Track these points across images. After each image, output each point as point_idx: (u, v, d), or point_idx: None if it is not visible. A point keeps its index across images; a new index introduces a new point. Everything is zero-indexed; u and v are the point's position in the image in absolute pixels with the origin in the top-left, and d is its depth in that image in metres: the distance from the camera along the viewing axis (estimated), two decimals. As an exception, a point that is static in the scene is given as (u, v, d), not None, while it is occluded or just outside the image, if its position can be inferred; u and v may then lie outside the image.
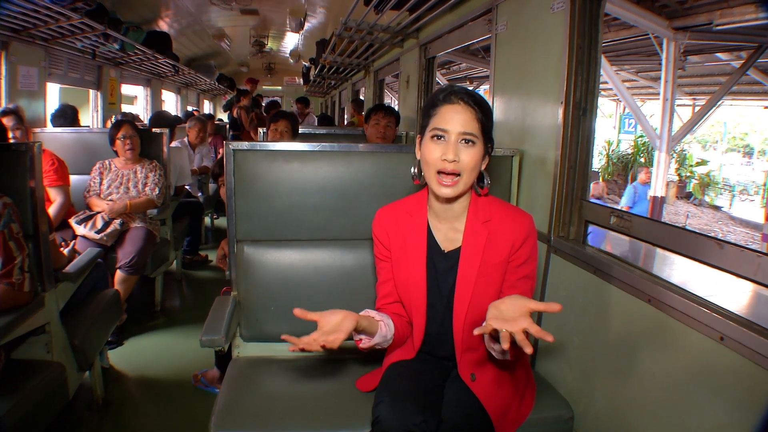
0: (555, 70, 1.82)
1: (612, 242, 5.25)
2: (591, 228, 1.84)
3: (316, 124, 7.13)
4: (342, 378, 1.68)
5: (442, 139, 1.30)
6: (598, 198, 7.36)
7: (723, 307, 1.20)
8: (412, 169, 1.44)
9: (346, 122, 8.26)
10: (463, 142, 1.29)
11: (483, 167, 1.37)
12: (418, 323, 1.45)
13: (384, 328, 1.40)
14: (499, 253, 1.38)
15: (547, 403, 1.58)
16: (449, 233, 1.43)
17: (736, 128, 16.69)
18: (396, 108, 3.84)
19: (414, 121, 3.90)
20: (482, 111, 1.31)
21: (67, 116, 4.04)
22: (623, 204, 7.53)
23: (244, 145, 1.80)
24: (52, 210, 3.01)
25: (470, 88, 1.49)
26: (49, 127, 4.07)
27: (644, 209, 6.90)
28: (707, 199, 14.08)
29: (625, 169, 14.16)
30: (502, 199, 1.49)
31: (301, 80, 11.77)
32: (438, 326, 1.45)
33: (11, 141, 2.81)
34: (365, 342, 1.40)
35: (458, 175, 1.30)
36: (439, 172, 1.30)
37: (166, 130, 3.69)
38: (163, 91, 8.38)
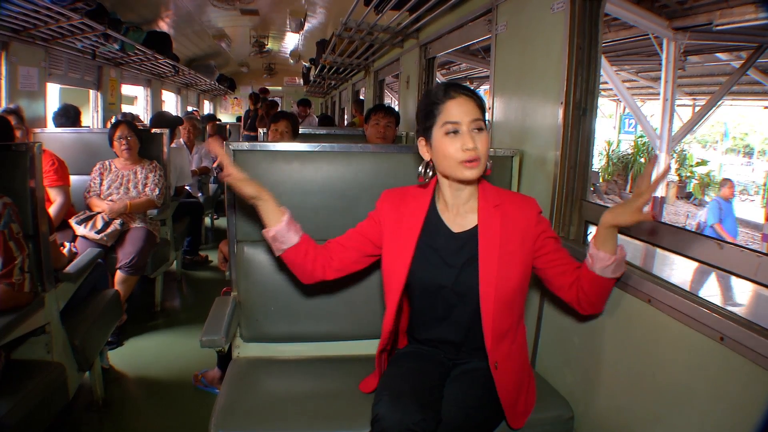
0: (555, 70, 1.82)
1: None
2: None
3: (317, 124, 7.15)
4: (342, 378, 1.68)
5: (457, 132, 1.36)
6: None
7: (723, 307, 1.20)
8: (420, 168, 1.50)
9: (346, 122, 8.26)
10: (476, 130, 1.36)
11: None
12: (393, 298, 1.47)
13: (280, 226, 1.46)
14: (515, 235, 1.43)
15: (548, 403, 1.58)
16: (457, 218, 1.48)
17: (736, 128, 16.68)
18: (396, 108, 3.84)
19: (414, 121, 3.89)
20: (479, 99, 1.40)
21: (70, 116, 4.04)
22: (710, 222, 6.52)
23: (245, 145, 1.80)
24: (52, 210, 3.01)
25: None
26: (50, 128, 4.07)
27: (732, 227, 6.34)
28: (707, 199, 14.06)
29: (625, 169, 14.16)
30: (504, 189, 1.55)
31: (301, 80, 11.77)
32: (445, 306, 1.47)
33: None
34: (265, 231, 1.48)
35: (478, 159, 1.36)
36: (461, 162, 1.36)
37: (166, 131, 3.70)
38: (163, 91, 8.39)
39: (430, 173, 1.48)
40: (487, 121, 1.45)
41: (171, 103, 9.67)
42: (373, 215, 1.56)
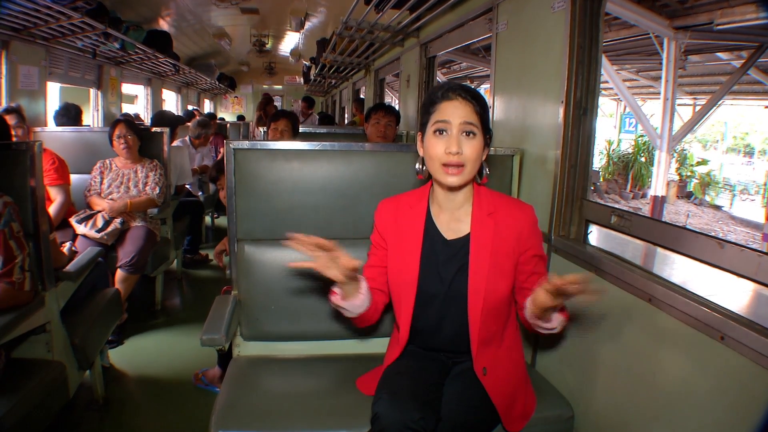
0: (555, 69, 1.82)
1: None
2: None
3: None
4: (342, 377, 1.68)
5: (444, 133, 1.35)
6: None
7: (723, 306, 1.20)
8: (417, 165, 1.48)
9: (347, 121, 8.25)
10: (465, 134, 1.34)
11: (483, 158, 1.41)
12: (407, 312, 1.46)
13: (360, 298, 1.43)
14: (507, 244, 1.41)
15: (548, 403, 1.58)
16: (451, 223, 1.47)
17: (736, 128, 16.67)
18: (396, 107, 3.84)
19: (414, 120, 3.90)
20: (479, 104, 1.36)
21: (71, 115, 4.03)
22: None
23: (245, 144, 1.80)
24: (52, 209, 3.01)
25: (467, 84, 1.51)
26: (50, 126, 4.07)
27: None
28: (708, 198, 14.07)
29: (625, 168, 14.14)
30: (501, 193, 1.52)
31: (302, 79, 11.76)
32: (437, 315, 1.46)
33: (13, 139, 2.81)
34: (337, 299, 1.45)
35: (462, 165, 1.34)
36: (443, 165, 1.35)
37: (166, 130, 3.69)
38: (164, 90, 8.38)
39: (425, 169, 1.46)
40: (491, 131, 1.41)
41: (171, 102, 9.66)
42: (375, 231, 1.55)
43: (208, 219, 5.99)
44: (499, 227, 1.42)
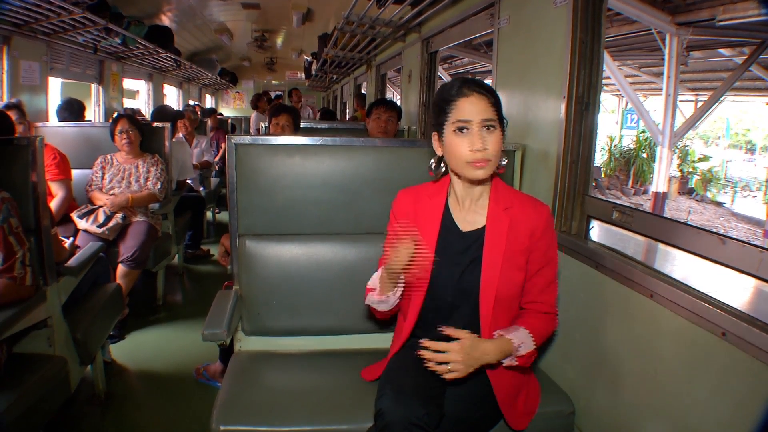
0: (557, 64, 1.81)
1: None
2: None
3: (310, 117, 7.02)
4: (344, 371, 1.69)
5: (466, 130, 1.34)
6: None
7: (725, 302, 1.20)
8: (431, 163, 1.49)
9: (348, 117, 8.24)
10: (485, 129, 1.33)
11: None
12: (416, 301, 1.47)
13: (398, 293, 1.48)
14: (521, 241, 1.41)
15: (549, 398, 1.58)
16: (468, 215, 1.47)
17: (738, 124, 16.64)
18: (398, 102, 3.83)
19: (416, 115, 3.89)
20: (494, 96, 1.36)
21: (73, 110, 4.02)
22: None
23: (246, 139, 1.80)
24: (53, 204, 3.01)
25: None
26: (52, 122, 4.07)
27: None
28: (709, 195, 14.05)
29: (627, 164, 14.13)
30: (518, 190, 1.52)
31: (303, 74, 11.74)
32: (447, 306, 1.46)
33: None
34: (374, 295, 1.49)
35: (488, 160, 1.34)
36: (469, 162, 1.34)
37: (167, 125, 3.69)
38: (165, 85, 8.37)
39: (443, 169, 1.47)
40: (505, 119, 1.40)
41: (173, 97, 9.65)
42: (395, 221, 1.53)
43: (209, 214, 6.00)
44: (514, 223, 1.42)
